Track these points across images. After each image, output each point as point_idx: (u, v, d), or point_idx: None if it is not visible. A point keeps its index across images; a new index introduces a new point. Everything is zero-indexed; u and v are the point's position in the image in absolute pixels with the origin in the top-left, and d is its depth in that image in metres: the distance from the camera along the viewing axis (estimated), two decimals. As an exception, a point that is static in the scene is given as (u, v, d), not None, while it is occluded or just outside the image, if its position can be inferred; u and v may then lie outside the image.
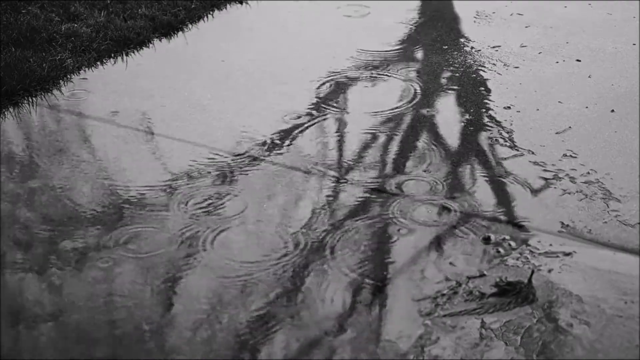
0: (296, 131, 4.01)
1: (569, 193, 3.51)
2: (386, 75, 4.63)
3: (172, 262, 3.07)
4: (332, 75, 4.60)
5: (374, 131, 4.01)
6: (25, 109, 4.16)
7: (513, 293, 2.90)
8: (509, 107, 4.24)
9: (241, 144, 3.87)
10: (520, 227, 3.29)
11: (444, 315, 2.81)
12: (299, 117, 4.14)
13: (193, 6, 5.38)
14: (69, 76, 4.46)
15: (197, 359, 2.63)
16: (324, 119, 4.13)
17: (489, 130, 4.03)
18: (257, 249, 3.14)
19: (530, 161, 3.75)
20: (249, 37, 5.12)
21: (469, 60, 4.79)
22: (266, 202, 3.44)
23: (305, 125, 4.07)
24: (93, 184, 3.55)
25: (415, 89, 4.47)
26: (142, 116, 4.13)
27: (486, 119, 4.14)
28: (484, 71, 4.66)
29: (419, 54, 4.94)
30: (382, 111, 4.20)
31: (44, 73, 4.37)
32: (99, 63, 4.66)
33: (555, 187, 3.55)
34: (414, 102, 4.32)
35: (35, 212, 3.37)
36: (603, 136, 3.97)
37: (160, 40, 5.03)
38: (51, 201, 3.43)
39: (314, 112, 4.20)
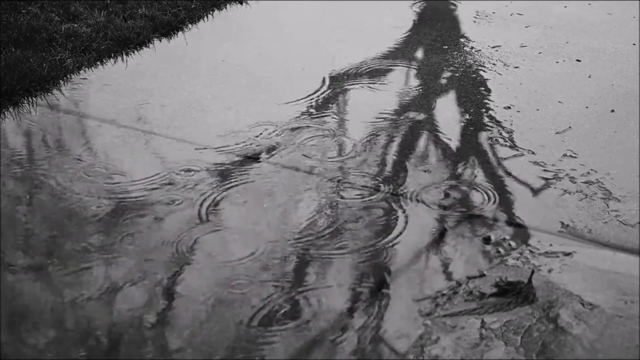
0: (296, 131, 4.01)
1: (569, 193, 3.51)
2: (386, 75, 4.63)
3: (170, 262, 3.07)
4: (332, 75, 4.60)
5: (373, 131, 4.01)
6: (25, 109, 4.16)
7: (513, 293, 2.90)
8: (509, 107, 4.24)
9: (241, 144, 3.87)
10: (520, 227, 3.29)
11: (444, 315, 2.81)
12: (299, 117, 4.14)
13: (193, 6, 5.38)
14: (69, 76, 4.46)
15: (197, 359, 2.63)
16: (324, 119, 4.13)
17: (489, 130, 4.03)
18: (256, 249, 3.14)
19: (530, 161, 3.75)
20: (249, 37, 5.12)
21: (469, 60, 4.79)
22: (266, 202, 3.44)
23: (306, 125, 4.07)
24: (93, 183, 3.55)
25: (416, 89, 4.47)
26: (142, 116, 4.13)
27: (486, 119, 4.14)
28: (484, 71, 4.66)
29: (419, 54, 4.94)
30: (381, 111, 4.20)
31: (44, 73, 4.36)
32: (99, 63, 4.66)
33: (555, 187, 3.55)
34: (414, 102, 4.33)
35: (35, 212, 3.36)
36: (603, 136, 3.97)
37: (160, 40, 5.03)
38: (51, 201, 3.42)
39: (314, 111, 4.20)
